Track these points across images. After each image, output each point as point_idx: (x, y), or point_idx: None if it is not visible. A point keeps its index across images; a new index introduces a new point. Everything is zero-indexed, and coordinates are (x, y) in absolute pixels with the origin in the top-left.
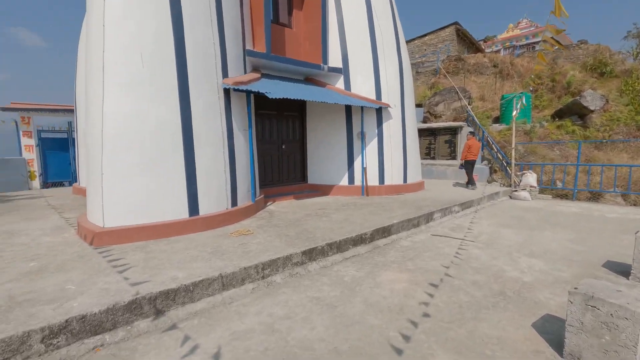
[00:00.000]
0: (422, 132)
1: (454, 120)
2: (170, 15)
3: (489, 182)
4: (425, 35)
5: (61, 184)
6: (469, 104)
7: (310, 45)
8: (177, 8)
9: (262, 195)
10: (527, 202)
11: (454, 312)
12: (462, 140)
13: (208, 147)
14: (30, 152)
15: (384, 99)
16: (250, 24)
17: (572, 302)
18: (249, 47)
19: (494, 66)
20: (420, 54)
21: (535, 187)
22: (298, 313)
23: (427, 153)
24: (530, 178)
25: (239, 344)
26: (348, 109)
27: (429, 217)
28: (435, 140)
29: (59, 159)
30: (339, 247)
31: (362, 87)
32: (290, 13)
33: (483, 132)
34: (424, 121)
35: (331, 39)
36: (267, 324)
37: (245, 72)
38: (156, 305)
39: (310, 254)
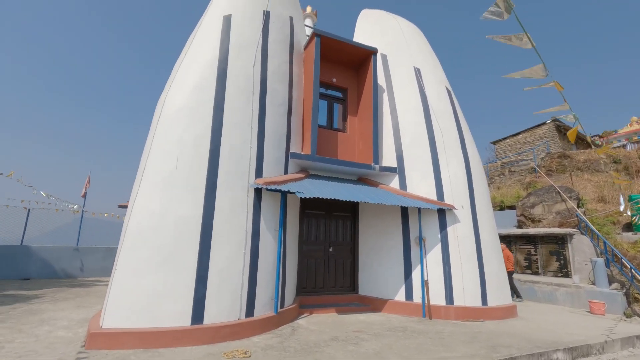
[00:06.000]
0: (517, 240)
1: (560, 225)
2: (211, 123)
3: (627, 315)
4: (518, 133)
5: None
6: (577, 206)
7: (363, 147)
8: (219, 117)
9: (294, 305)
10: None
11: None
12: (575, 251)
13: (227, 245)
14: None
15: (447, 200)
16: (300, 130)
17: None
18: (295, 149)
19: (615, 162)
20: (514, 152)
21: None
22: None
23: (527, 266)
24: None
25: None
26: (404, 210)
27: None
28: (536, 251)
29: None
30: None
31: (419, 186)
32: (345, 119)
33: (605, 243)
34: (519, 226)
35: (386, 141)
36: None
37: (286, 173)
38: None
39: None
